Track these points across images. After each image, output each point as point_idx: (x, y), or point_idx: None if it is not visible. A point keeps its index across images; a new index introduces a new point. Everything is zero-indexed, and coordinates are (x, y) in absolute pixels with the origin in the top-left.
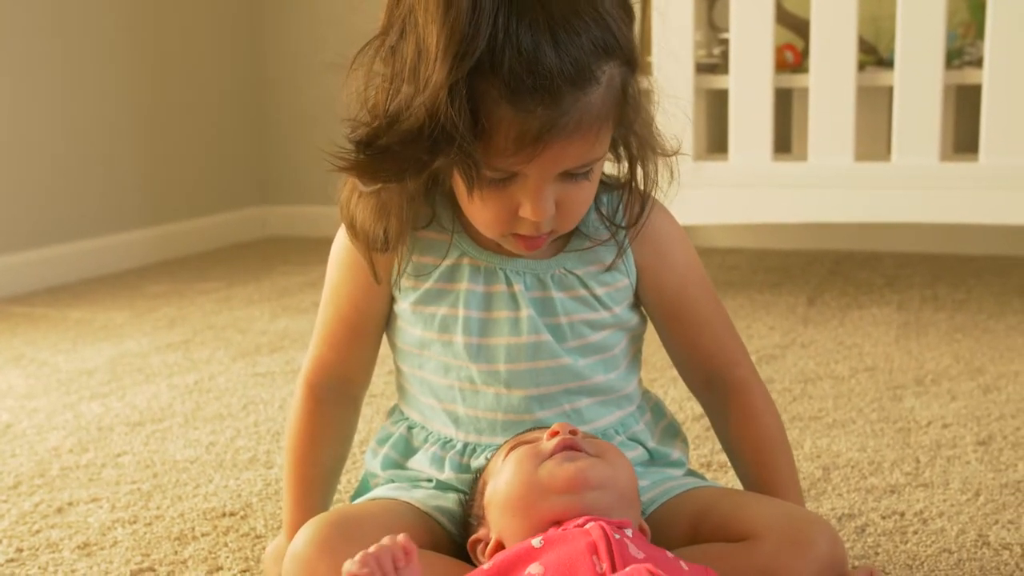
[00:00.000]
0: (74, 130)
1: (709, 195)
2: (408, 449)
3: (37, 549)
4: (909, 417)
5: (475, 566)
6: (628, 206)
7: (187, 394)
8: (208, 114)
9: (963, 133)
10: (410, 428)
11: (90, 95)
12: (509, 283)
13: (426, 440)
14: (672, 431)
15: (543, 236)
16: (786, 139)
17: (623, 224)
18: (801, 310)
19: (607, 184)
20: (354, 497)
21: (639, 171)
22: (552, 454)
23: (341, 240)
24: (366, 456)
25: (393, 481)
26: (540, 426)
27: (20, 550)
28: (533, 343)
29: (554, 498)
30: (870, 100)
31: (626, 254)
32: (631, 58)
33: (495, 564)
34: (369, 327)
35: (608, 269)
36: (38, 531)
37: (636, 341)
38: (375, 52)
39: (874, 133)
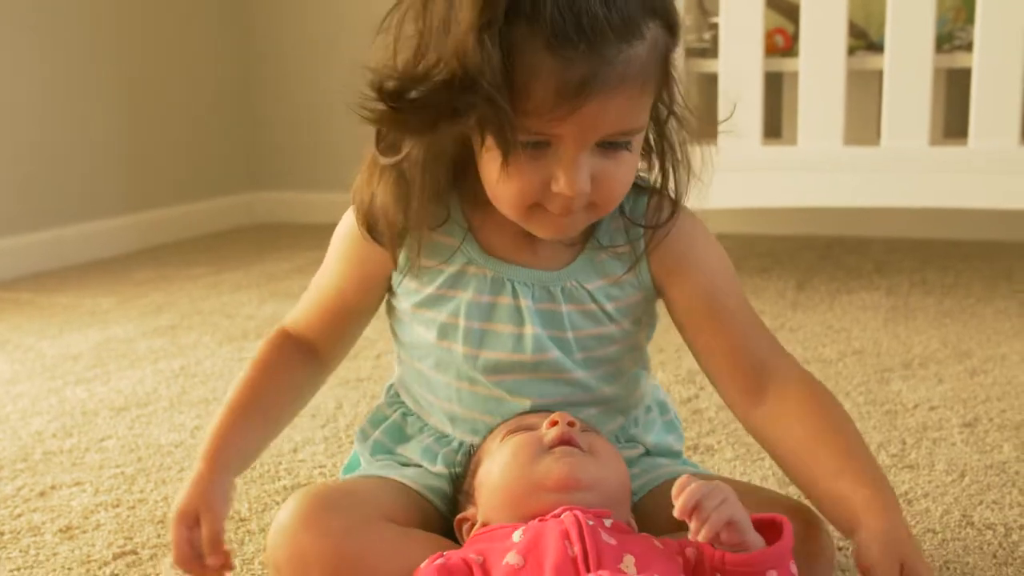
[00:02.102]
0: (60, 115)
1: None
2: (401, 436)
3: (19, 532)
4: (896, 400)
5: (461, 544)
6: (656, 206)
7: (173, 379)
8: (195, 99)
9: (953, 117)
10: (405, 416)
11: (75, 80)
12: (515, 295)
13: (421, 431)
14: (672, 428)
15: (573, 217)
16: (776, 123)
17: (646, 224)
18: (790, 295)
19: (637, 185)
20: (345, 473)
21: (671, 170)
22: (549, 448)
23: (342, 228)
24: (356, 437)
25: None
26: (539, 410)
27: (1, 533)
28: (536, 361)
29: (543, 495)
30: (860, 84)
31: (641, 267)
32: (673, 23)
33: (476, 548)
34: (350, 319)
35: (619, 282)
36: (20, 515)
37: (642, 349)
38: (404, 12)
39: (864, 117)
